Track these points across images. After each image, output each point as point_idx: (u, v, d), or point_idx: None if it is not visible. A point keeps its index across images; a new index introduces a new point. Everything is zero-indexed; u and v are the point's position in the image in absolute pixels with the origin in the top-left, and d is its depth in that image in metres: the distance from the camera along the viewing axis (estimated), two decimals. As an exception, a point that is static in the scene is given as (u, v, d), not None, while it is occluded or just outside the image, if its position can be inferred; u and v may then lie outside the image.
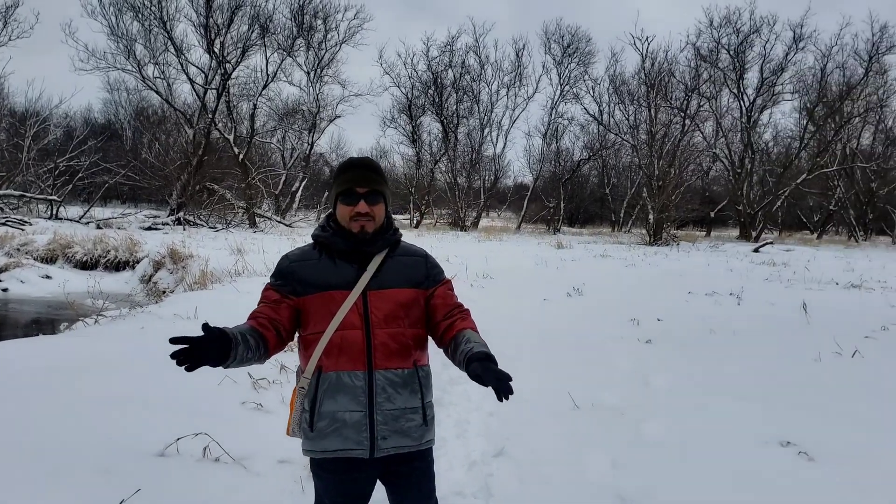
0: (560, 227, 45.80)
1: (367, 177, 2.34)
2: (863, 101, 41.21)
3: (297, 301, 2.33)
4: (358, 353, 2.26)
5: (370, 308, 2.29)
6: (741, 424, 4.84)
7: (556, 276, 14.47)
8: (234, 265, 13.22)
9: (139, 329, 7.57)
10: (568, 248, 24.57)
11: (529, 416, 4.95)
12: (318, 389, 2.28)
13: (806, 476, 3.95)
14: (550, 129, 47.40)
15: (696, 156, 43.11)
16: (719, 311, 10.18)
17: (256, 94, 36.49)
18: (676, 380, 6.11)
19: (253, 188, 34.06)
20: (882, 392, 5.80)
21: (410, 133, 46.99)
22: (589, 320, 9.15)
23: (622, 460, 4.14)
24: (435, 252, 18.71)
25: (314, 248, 2.41)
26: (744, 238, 38.64)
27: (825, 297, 11.92)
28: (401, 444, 2.30)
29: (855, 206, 46.47)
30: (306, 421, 2.29)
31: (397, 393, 2.30)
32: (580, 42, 45.76)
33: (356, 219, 2.31)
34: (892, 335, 8.43)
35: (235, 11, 33.39)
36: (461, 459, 4.10)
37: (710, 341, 7.92)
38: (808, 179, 41.08)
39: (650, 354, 7.19)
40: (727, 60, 41.59)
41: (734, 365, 6.72)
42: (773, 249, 27.55)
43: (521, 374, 6.17)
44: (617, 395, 5.55)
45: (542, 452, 4.22)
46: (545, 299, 10.90)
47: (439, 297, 2.46)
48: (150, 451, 3.88)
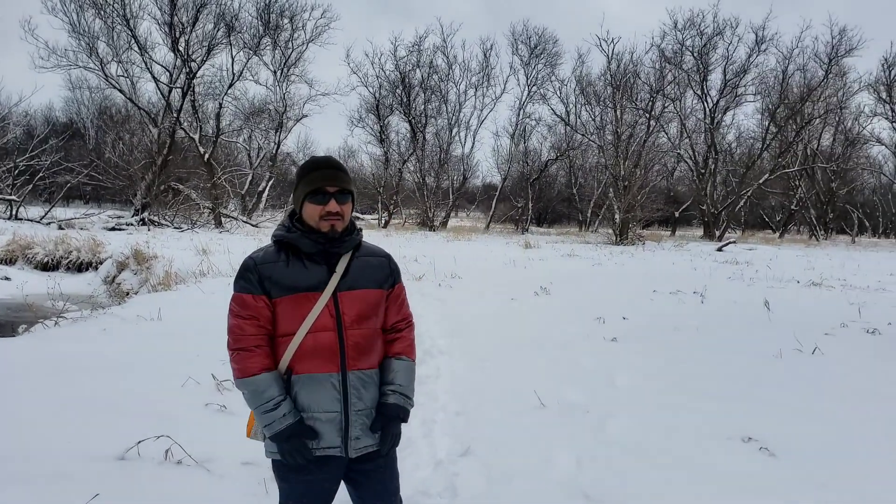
0: (528, 226, 45.97)
1: (337, 176, 2.33)
2: (823, 102, 42.07)
3: (272, 303, 2.30)
4: (331, 355, 2.26)
5: (342, 309, 2.29)
6: (704, 420, 4.90)
7: (524, 276, 14.54)
8: (199, 266, 13.08)
9: (101, 331, 7.46)
10: (536, 248, 24.69)
11: (496, 414, 4.96)
12: (290, 391, 2.27)
13: (767, 471, 4.02)
14: (518, 130, 47.59)
15: (661, 156, 43.69)
16: (683, 309, 10.31)
17: (222, 93, 36.06)
18: (641, 377, 6.17)
19: (219, 188, 33.66)
20: (841, 388, 5.92)
21: (378, 133, 46.82)
22: (555, 319, 9.20)
23: (587, 458, 4.16)
24: (403, 252, 18.83)
25: (278, 249, 2.36)
26: (707, 237, 39.19)
27: (786, 295, 12.14)
28: (370, 444, 2.34)
29: (815, 206, 47.44)
30: None
31: (368, 392, 2.33)
32: (547, 43, 46.01)
33: (326, 218, 2.29)
34: (851, 332, 8.62)
35: (200, 9, 32.97)
36: (427, 459, 4.09)
37: (674, 339, 8.01)
38: (770, 179, 41.82)
39: (615, 352, 7.25)
40: (691, 62, 42.20)
41: (697, 362, 6.81)
42: (736, 248, 27.98)
43: (488, 373, 6.21)
44: (582, 393, 5.59)
45: (507, 451, 4.23)
46: (513, 299, 10.94)
47: (393, 299, 2.50)
48: (109, 454, 3.81)
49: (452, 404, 5.21)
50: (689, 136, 43.32)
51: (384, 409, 2.37)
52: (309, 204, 2.31)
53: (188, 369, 5.55)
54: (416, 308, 9.34)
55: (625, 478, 3.89)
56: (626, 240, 31.03)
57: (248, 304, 2.28)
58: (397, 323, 2.51)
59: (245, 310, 2.28)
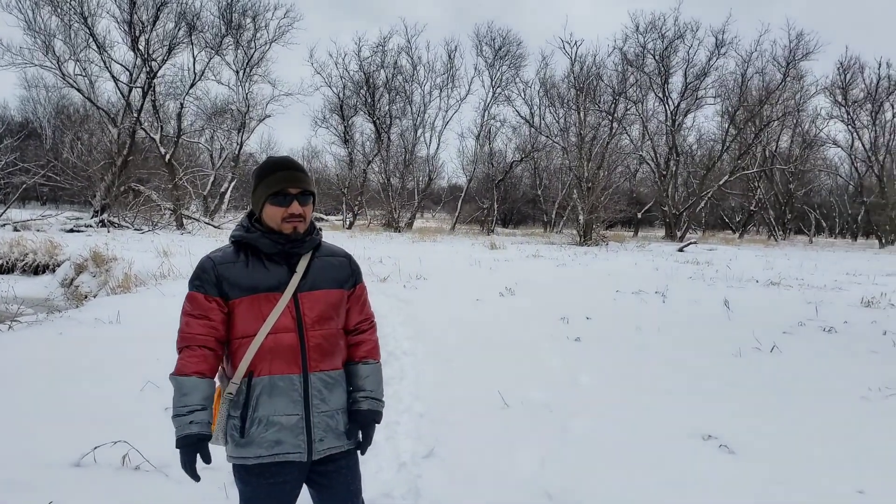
0: (494, 227, 46.13)
1: (299, 177, 2.30)
2: (781, 105, 42.98)
3: (228, 304, 2.26)
4: (292, 356, 2.24)
5: (302, 310, 2.27)
6: (665, 419, 4.96)
7: (490, 277, 14.58)
8: (159, 268, 12.87)
9: (57, 334, 7.31)
10: (501, 249, 24.78)
11: (460, 416, 4.96)
12: (251, 394, 2.23)
13: (727, 468, 4.08)
14: (483, 131, 47.75)
15: (624, 158, 44.21)
16: (645, 308, 10.43)
17: (184, 92, 35.51)
18: (604, 376, 6.23)
19: (180, 189, 33.16)
20: (798, 385, 6.04)
21: (342, 133, 46.56)
22: (520, 319, 9.24)
23: (550, 457, 4.18)
24: (368, 253, 18.75)
25: (236, 250, 2.33)
26: (669, 238, 39.73)
27: (746, 295, 12.35)
28: (334, 445, 2.32)
29: (774, 207, 48.43)
30: (235, 427, 2.24)
31: (331, 394, 2.31)
32: (511, 45, 46.25)
33: (289, 220, 2.27)
34: (809, 330, 8.80)
35: (161, 8, 32.40)
36: (390, 461, 4.07)
37: (637, 338, 8.10)
38: (730, 181, 42.58)
39: (579, 352, 7.31)
40: (653, 65, 42.76)
41: (659, 361, 6.90)
42: (696, 249, 28.40)
43: (453, 374, 6.21)
44: (546, 392, 5.61)
45: (471, 452, 4.24)
46: (478, 299, 10.96)
47: (355, 300, 2.49)
48: (64, 461, 3.73)
49: (417, 406, 5.19)
50: (650, 139, 43.91)
51: (359, 416, 2.38)
52: (270, 206, 2.28)
53: (148, 373, 5.45)
54: (381, 309, 9.35)
55: (587, 477, 3.91)
56: (590, 240, 31.31)
57: (201, 303, 2.24)
58: (360, 324, 2.50)
59: (197, 309, 2.24)
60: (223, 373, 2.33)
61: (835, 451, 4.37)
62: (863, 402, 5.55)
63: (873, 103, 41.55)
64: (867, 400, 5.59)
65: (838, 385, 6.05)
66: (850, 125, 43.03)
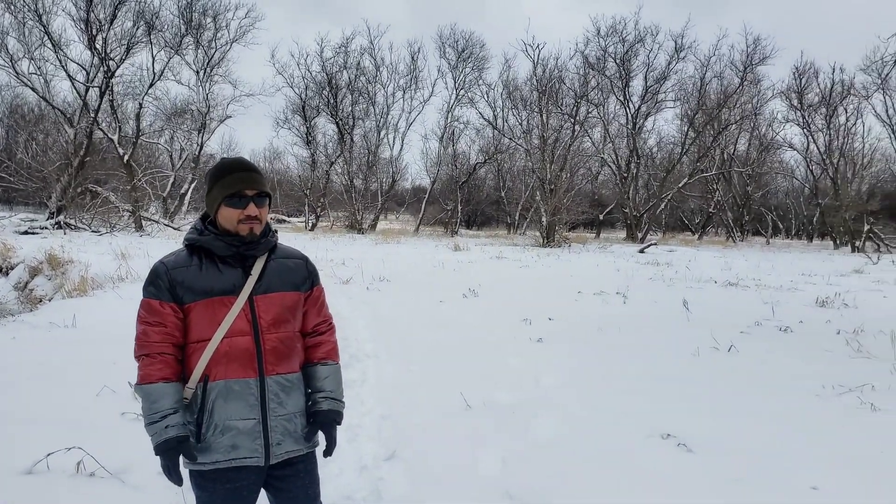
0: (458, 229, 46.18)
1: (255, 178, 2.28)
2: (738, 109, 43.74)
3: (183, 308, 2.23)
4: (248, 360, 2.22)
5: (258, 313, 2.25)
6: (626, 419, 5.01)
7: (453, 278, 14.60)
8: (117, 270, 12.64)
9: (10, 339, 7.14)
10: (465, 250, 24.82)
11: (422, 418, 4.96)
12: (206, 399, 2.20)
13: (685, 466, 4.14)
14: (447, 133, 47.72)
15: (586, 160, 44.63)
16: (607, 309, 10.54)
17: (142, 92, 34.92)
18: (566, 377, 6.28)
19: (139, 190, 32.61)
20: (755, 384, 6.15)
21: (305, 134, 46.16)
22: (483, 321, 9.27)
23: (512, 458, 4.20)
24: (331, 255, 18.64)
25: (190, 253, 2.30)
26: (630, 239, 40.15)
27: (704, 295, 12.55)
28: (292, 449, 2.31)
29: (732, 209, 49.33)
30: (191, 433, 2.21)
31: (288, 397, 2.30)
32: (474, 47, 46.32)
33: (245, 221, 2.25)
34: (765, 330, 8.98)
35: (119, 7, 31.83)
36: (352, 464, 4.05)
37: (598, 339, 8.19)
38: (689, 183, 43.23)
39: (541, 353, 7.36)
40: (614, 69, 43.17)
41: (619, 361, 6.98)
42: (657, 250, 28.79)
43: (415, 376, 6.20)
44: (508, 393, 5.64)
45: (433, 454, 4.23)
46: (441, 301, 10.97)
47: (312, 302, 2.48)
48: (15, 469, 3.64)
49: (379, 408, 5.17)
50: (612, 141, 44.35)
51: (319, 417, 2.37)
52: (226, 207, 2.26)
53: (104, 377, 5.35)
54: (343, 311, 9.32)
55: (549, 476, 3.94)
56: (553, 242, 31.53)
57: (156, 310, 2.21)
58: (318, 325, 2.49)
59: (152, 316, 2.22)
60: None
61: (790, 447, 4.46)
62: (817, 399, 5.67)
63: (827, 107, 42.48)
64: (821, 397, 5.71)
65: (793, 383, 6.18)
66: (805, 129, 43.93)
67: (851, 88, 41.58)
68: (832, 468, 4.11)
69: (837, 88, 42.13)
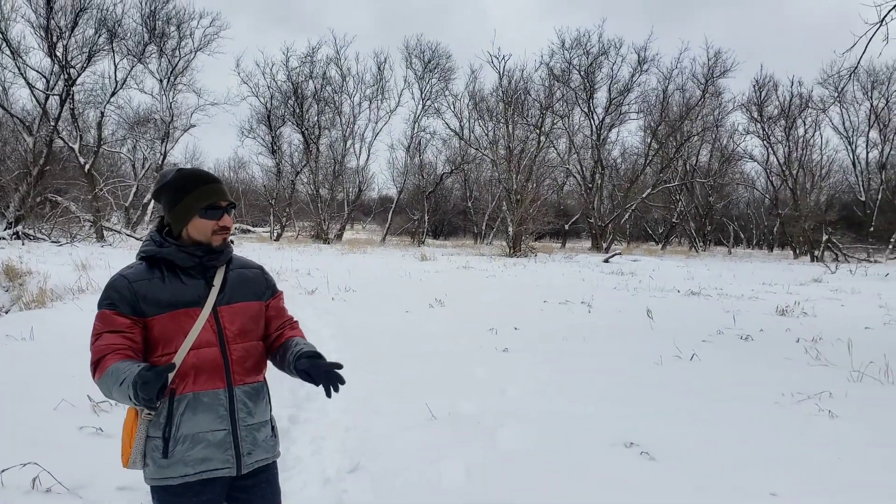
0: (425, 239, 46.19)
1: (224, 190, 2.30)
2: (700, 121, 44.53)
3: (143, 322, 2.18)
4: (216, 371, 2.20)
5: (223, 323, 2.24)
6: (590, 427, 5.05)
7: (420, 288, 14.59)
8: (77, 282, 12.40)
9: (-37, 353, 6.95)
10: (432, 260, 24.83)
11: (387, 429, 4.94)
12: (174, 412, 2.16)
13: (648, 475, 4.17)
14: (413, 143, 47.81)
15: (552, 171, 45.03)
16: (572, 318, 10.62)
17: (104, 101, 34.40)
18: (531, 386, 6.30)
19: (101, 200, 32.05)
20: (717, 392, 6.24)
21: (270, 144, 45.87)
22: (450, 331, 9.27)
23: (477, 468, 4.20)
24: (296, 265, 18.52)
25: (150, 266, 2.26)
26: (595, 249, 40.51)
27: (667, 304, 12.72)
28: (261, 458, 2.31)
29: (695, 219, 50.10)
30: (157, 448, 2.16)
31: (256, 406, 2.29)
32: (440, 58, 46.50)
33: (219, 232, 2.25)
34: (727, 338, 9.12)
35: (80, 14, 31.30)
36: (316, 476, 4.02)
37: (563, 348, 8.24)
38: (653, 194, 43.80)
39: (507, 362, 7.38)
40: (578, 80, 43.66)
41: (584, 370, 7.03)
42: (621, 260, 29.08)
43: (381, 387, 6.17)
44: (474, 403, 5.65)
45: (397, 465, 4.22)
46: (407, 311, 10.96)
47: (274, 308, 2.48)
48: (-32, 486, 3.54)
49: (343, 420, 5.14)
50: (577, 152, 44.81)
51: (303, 355, 2.24)
52: (201, 219, 2.24)
53: (62, 391, 5.24)
54: (309, 322, 9.25)
55: (513, 486, 3.94)
56: (520, 252, 31.71)
57: (113, 320, 2.14)
58: (282, 326, 2.49)
59: (109, 325, 2.14)
60: None
61: (750, 454, 4.53)
62: (776, 407, 5.77)
63: (787, 119, 43.42)
64: (780, 405, 5.81)
65: (754, 391, 6.28)
66: (765, 140, 44.82)
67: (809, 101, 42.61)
68: (791, 474, 4.18)
69: (796, 101, 43.13)
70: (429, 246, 40.90)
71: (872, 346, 8.36)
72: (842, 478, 4.15)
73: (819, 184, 46.39)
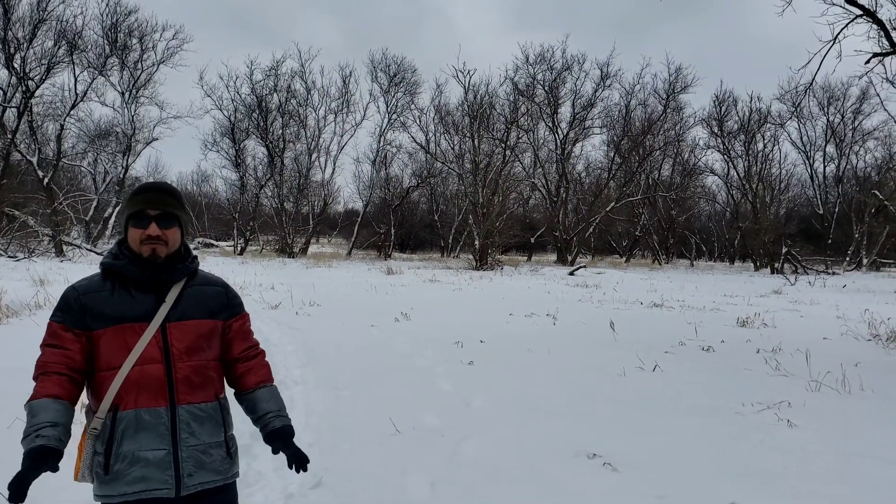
0: (391, 252, 46.08)
1: (160, 199, 2.24)
2: (662, 135, 45.32)
3: (89, 336, 2.16)
4: (159, 389, 2.15)
5: (170, 340, 2.18)
6: (553, 439, 5.06)
7: (386, 302, 14.53)
8: (35, 297, 12.13)
9: (-87, 371, 6.74)
10: (398, 274, 24.78)
11: (350, 444, 4.89)
12: (116, 429, 2.12)
13: (610, 485, 4.20)
14: (379, 156, 47.77)
15: (517, 185, 45.21)
16: (537, 330, 10.67)
17: (64, 114, 33.81)
18: (495, 399, 6.31)
19: (60, 214, 31.42)
20: (678, 403, 6.30)
21: (234, 157, 45.38)
22: (415, 344, 9.23)
23: (441, 481, 4.18)
24: (260, 280, 18.32)
25: (104, 278, 2.24)
26: (561, 262, 40.79)
27: (631, 316, 12.85)
28: (206, 480, 2.22)
29: (657, 232, 50.79)
30: (99, 464, 2.12)
31: (201, 427, 2.22)
32: (406, 72, 46.56)
33: (147, 242, 2.20)
34: (689, 349, 9.23)
35: (39, 25, 30.78)
36: (278, 493, 3.96)
37: (528, 360, 8.26)
38: (616, 207, 44.37)
39: (472, 375, 7.37)
40: (542, 95, 44.06)
41: (548, 382, 7.05)
42: (586, 272, 29.34)
43: (344, 401, 6.13)
44: (438, 417, 5.63)
45: (361, 479, 4.18)
46: (373, 325, 10.90)
47: (236, 330, 2.43)
48: (-85, 509, 3.42)
49: (306, 435, 5.08)
50: (542, 166, 45.16)
51: (277, 435, 2.35)
52: (131, 228, 2.23)
53: (17, 409, 5.08)
54: (272, 337, 9.17)
55: (477, 499, 3.94)
56: (486, 265, 31.81)
57: (57, 333, 2.17)
58: (246, 351, 2.43)
59: (52, 339, 2.17)
60: (89, 408, 2.22)
61: (711, 464, 4.58)
62: (737, 417, 5.85)
63: (746, 134, 44.31)
64: (741, 415, 5.89)
65: (715, 401, 6.36)
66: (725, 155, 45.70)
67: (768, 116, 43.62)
68: (752, 483, 4.23)
69: (755, 116, 44.09)
70: (395, 259, 40.83)
71: (830, 356, 8.54)
72: (801, 486, 4.22)
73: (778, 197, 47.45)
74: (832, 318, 13.24)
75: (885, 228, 37.22)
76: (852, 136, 46.16)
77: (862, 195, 43.44)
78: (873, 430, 5.51)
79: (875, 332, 10.63)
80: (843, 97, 45.07)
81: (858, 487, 4.21)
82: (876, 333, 10.56)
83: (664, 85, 43.89)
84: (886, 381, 7.37)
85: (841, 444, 5.07)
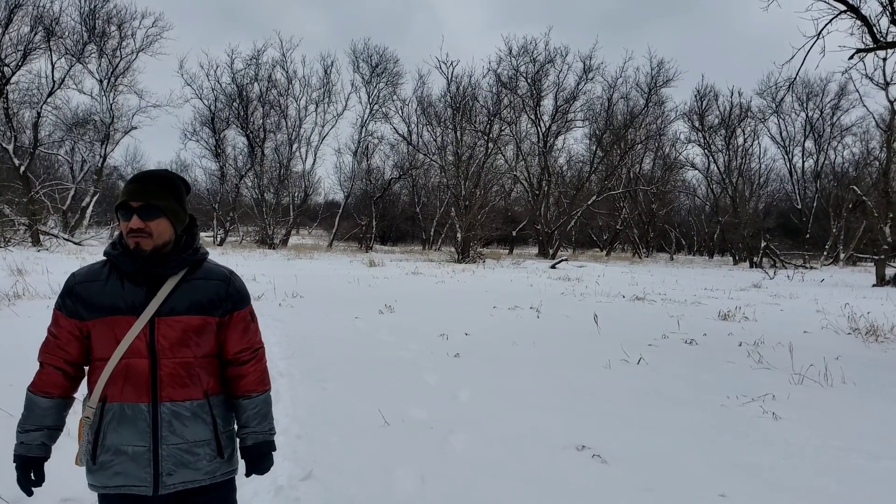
0: (373, 244, 45.96)
1: (144, 190, 2.15)
2: (644, 129, 45.54)
3: (83, 325, 2.15)
4: (143, 384, 2.11)
5: (157, 335, 2.13)
6: (541, 431, 5.06)
7: (368, 294, 14.49)
8: (13, 287, 11.95)
9: None
10: (380, 266, 24.72)
11: (339, 436, 4.87)
12: (102, 421, 2.11)
13: (600, 477, 4.20)
14: (361, 147, 47.64)
15: (499, 177, 45.31)
16: (521, 324, 10.68)
17: (41, 101, 33.27)
18: (482, 391, 6.30)
19: (36, 203, 30.98)
20: (663, 395, 6.34)
21: (214, 146, 45.03)
22: (400, 337, 9.21)
23: (431, 474, 4.17)
24: (241, 271, 18.17)
25: (104, 266, 2.21)
26: (542, 255, 40.93)
27: (614, 310, 12.90)
28: (189, 480, 2.17)
29: (638, 226, 51.14)
30: (89, 453, 2.12)
31: (184, 426, 2.16)
32: (388, 63, 46.45)
33: (130, 234, 2.13)
34: (672, 342, 9.28)
35: (14, 10, 30.23)
36: (267, 486, 3.93)
37: (513, 353, 8.27)
38: (598, 201, 44.55)
39: (458, 368, 7.37)
40: (525, 88, 44.14)
41: (534, 375, 7.06)
42: (568, 266, 29.42)
43: (331, 394, 6.10)
44: (426, 409, 5.61)
45: (350, 472, 4.16)
46: (357, 317, 10.85)
47: (233, 328, 2.33)
48: None
49: (293, 427, 5.05)
50: (524, 159, 45.26)
51: (246, 454, 2.34)
52: (122, 221, 2.17)
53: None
54: (256, 328, 9.07)
55: (467, 492, 3.93)
56: (468, 258, 31.81)
57: (57, 321, 2.22)
58: (240, 354, 2.33)
59: (53, 326, 2.22)
60: (85, 396, 2.20)
61: (698, 456, 4.61)
62: (722, 409, 5.89)
63: (727, 129, 44.77)
64: (726, 408, 5.93)
65: (700, 394, 6.40)
66: (706, 149, 46.13)
67: (749, 111, 44.03)
68: (739, 475, 4.26)
69: (736, 111, 44.57)
70: (377, 252, 40.72)
71: (812, 349, 8.63)
72: (787, 478, 4.25)
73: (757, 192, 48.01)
74: (812, 312, 13.39)
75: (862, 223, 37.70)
76: (831, 131, 46.83)
77: (839, 190, 44.01)
78: (857, 423, 5.57)
79: (855, 326, 10.76)
80: (822, 93, 45.65)
81: (844, 479, 4.25)
82: (856, 327, 10.68)
83: (646, 79, 44.18)
84: (867, 374, 7.46)
85: (826, 437, 5.12)
